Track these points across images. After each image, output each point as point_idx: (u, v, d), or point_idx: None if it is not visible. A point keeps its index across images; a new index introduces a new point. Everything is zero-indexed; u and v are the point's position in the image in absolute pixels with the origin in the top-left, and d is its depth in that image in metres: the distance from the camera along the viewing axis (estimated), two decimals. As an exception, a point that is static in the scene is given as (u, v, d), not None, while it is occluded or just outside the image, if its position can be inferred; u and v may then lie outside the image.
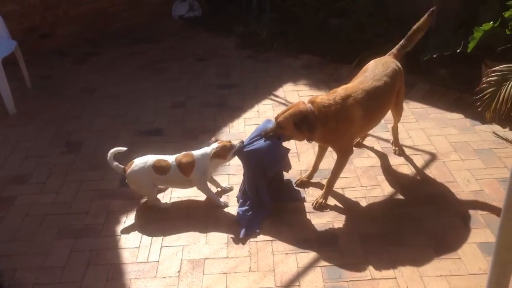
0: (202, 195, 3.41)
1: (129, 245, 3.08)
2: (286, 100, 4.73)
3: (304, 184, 3.52)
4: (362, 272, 2.79)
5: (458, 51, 4.36)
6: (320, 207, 3.28)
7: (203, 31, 6.60)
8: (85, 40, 6.36)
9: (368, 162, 3.75)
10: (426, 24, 3.44)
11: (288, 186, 3.49)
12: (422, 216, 3.18)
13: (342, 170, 3.31)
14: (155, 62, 5.74)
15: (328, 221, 3.18)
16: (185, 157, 3.28)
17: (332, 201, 3.35)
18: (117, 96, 4.97)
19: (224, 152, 3.22)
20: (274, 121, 3.15)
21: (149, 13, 6.99)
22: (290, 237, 3.06)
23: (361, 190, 3.45)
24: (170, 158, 3.29)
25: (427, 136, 4.02)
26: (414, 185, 3.51)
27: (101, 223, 3.27)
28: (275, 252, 2.96)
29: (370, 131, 3.88)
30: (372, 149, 3.90)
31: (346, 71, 5.06)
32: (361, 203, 3.33)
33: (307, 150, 3.88)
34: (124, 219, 3.30)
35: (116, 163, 3.29)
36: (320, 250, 2.95)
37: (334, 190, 3.39)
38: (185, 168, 3.25)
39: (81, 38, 6.36)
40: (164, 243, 3.08)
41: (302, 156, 3.84)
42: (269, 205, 3.25)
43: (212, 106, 4.71)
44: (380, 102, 3.30)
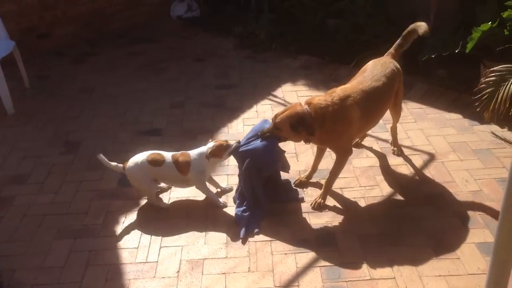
0: (201, 195, 3.41)
1: (128, 246, 3.08)
2: (285, 101, 4.73)
3: (303, 184, 3.52)
4: (361, 272, 2.79)
5: (457, 52, 4.36)
6: (319, 207, 3.28)
7: (202, 32, 6.59)
8: (83, 40, 6.35)
9: (367, 162, 3.75)
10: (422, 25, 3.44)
11: (286, 186, 3.48)
12: (421, 216, 3.19)
13: (341, 171, 3.31)
14: (154, 62, 5.73)
15: (327, 221, 3.19)
16: (182, 156, 3.29)
17: (331, 201, 3.35)
18: (116, 96, 4.96)
19: (220, 151, 3.23)
20: (271, 122, 3.15)
21: (148, 13, 6.98)
22: (289, 237, 3.06)
23: (360, 190, 3.45)
24: (167, 154, 3.30)
25: (426, 136, 4.03)
26: (413, 185, 3.52)
27: (100, 223, 3.26)
28: (274, 252, 2.96)
29: (369, 131, 3.88)
30: (371, 149, 3.91)
31: (345, 72, 5.06)
32: (360, 203, 3.34)
33: (306, 151, 3.88)
34: (123, 219, 3.29)
35: (115, 163, 3.29)
36: (319, 250, 2.95)
37: (333, 190, 3.39)
38: (182, 167, 3.25)
39: (79, 38, 6.34)
40: (163, 243, 3.08)
41: (301, 157, 3.84)
42: (266, 206, 3.24)
43: (211, 107, 4.71)
44: (379, 103, 3.31)
